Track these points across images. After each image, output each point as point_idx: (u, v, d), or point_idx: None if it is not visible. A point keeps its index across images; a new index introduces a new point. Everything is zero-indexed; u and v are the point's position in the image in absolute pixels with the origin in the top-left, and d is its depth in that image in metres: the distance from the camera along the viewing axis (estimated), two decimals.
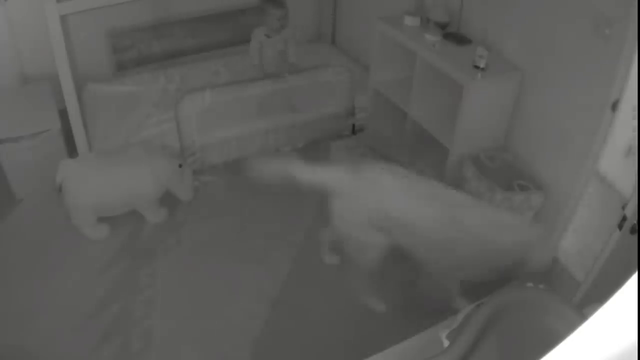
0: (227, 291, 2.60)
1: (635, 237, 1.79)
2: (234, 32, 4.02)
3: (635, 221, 1.79)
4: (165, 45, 3.89)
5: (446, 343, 1.71)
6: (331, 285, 2.64)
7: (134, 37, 3.75)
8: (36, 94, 3.25)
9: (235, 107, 3.24)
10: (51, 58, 2.79)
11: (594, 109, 2.33)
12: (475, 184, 2.55)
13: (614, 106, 2.25)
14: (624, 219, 1.84)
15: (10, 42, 3.33)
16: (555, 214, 2.63)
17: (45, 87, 3.26)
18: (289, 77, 3.32)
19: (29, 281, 2.60)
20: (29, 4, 3.18)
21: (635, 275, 0.65)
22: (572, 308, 1.52)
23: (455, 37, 2.90)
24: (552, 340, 0.71)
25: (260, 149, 3.41)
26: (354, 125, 3.58)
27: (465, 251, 2.08)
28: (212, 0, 3.86)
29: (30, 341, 2.31)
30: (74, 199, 2.71)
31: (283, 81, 3.30)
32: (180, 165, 2.88)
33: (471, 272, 2.12)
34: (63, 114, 3.01)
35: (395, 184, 2.16)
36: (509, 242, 2.03)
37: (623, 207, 1.88)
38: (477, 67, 2.63)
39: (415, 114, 3.05)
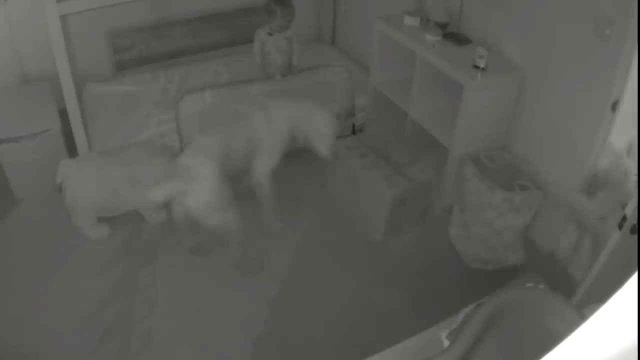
0: (227, 291, 2.60)
1: (635, 237, 1.79)
2: (234, 32, 4.02)
3: (635, 221, 1.79)
4: (165, 45, 3.88)
5: (446, 343, 1.71)
6: (331, 285, 2.64)
7: (134, 37, 3.75)
8: (36, 94, 3.25)
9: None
10: (51, 58, 2.79)
11: (594, 109, 2.33)
12: (476, 184, 2.55)
13: (614, 106, 2.25)
14: (624, 219, 1.84)
15: (10, 42, 3.33)
16: (555, 214, 2.63)
17: (45, 87, 3.26)
18: (289, 77, 3.31)
19: (29, 281, 2.59)
20: (29, 4, 3.18)
21: (635, 275, 0.65)
22: (572, 308, 1.52)
23: (455, 37, 2.90)
24: (552, 340, 0.71)
25: None
26: (354, 125, 3.58)
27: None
28: (212, 0, 3.86)
29: (30, 341, 2.31)
30: (74, 199, 2.70)
31: (283, 81, 3.30)
32: None
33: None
34: (63, 114, 3.01)
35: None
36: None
37: (623, 207, 1.88)
38: (477, 67, 2.63)
39: (415, 114, 3.05)
